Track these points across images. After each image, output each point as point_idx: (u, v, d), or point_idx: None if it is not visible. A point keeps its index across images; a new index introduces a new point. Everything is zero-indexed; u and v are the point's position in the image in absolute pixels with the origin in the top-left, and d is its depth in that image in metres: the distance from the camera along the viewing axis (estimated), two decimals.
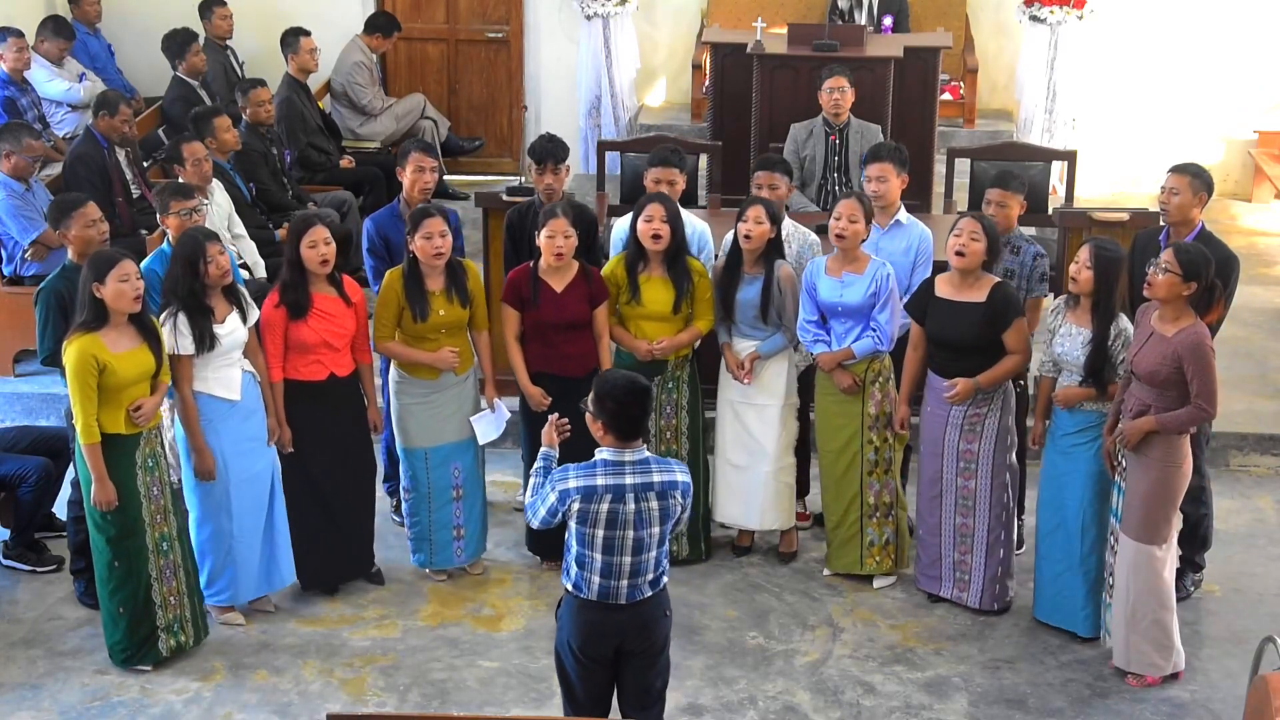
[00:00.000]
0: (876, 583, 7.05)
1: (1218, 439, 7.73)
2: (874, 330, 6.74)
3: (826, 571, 7.16)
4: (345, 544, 6.93)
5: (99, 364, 5.91)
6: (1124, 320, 6.26)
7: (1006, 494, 6.66)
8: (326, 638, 6.64)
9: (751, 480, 7.11)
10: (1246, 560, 7.34)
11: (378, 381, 7.07)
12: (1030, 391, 7.09)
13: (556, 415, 5.42)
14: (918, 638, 6.67)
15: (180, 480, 6.51)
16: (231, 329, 6.36)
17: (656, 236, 6.74)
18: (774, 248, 6.85)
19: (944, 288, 6.57)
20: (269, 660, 6.46)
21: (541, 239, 6.70)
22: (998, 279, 6.55)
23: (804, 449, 7.32)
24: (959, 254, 6.44)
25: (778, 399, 7.03)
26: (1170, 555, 6.20)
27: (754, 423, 7.05)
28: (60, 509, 7.13)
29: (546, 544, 7.12)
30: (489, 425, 6.95)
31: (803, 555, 7.32)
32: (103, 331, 5.96)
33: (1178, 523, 6.21)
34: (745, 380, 6.95)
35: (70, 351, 5.93)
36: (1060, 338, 6.36)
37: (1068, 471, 6.41)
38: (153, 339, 6.10)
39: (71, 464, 6.73)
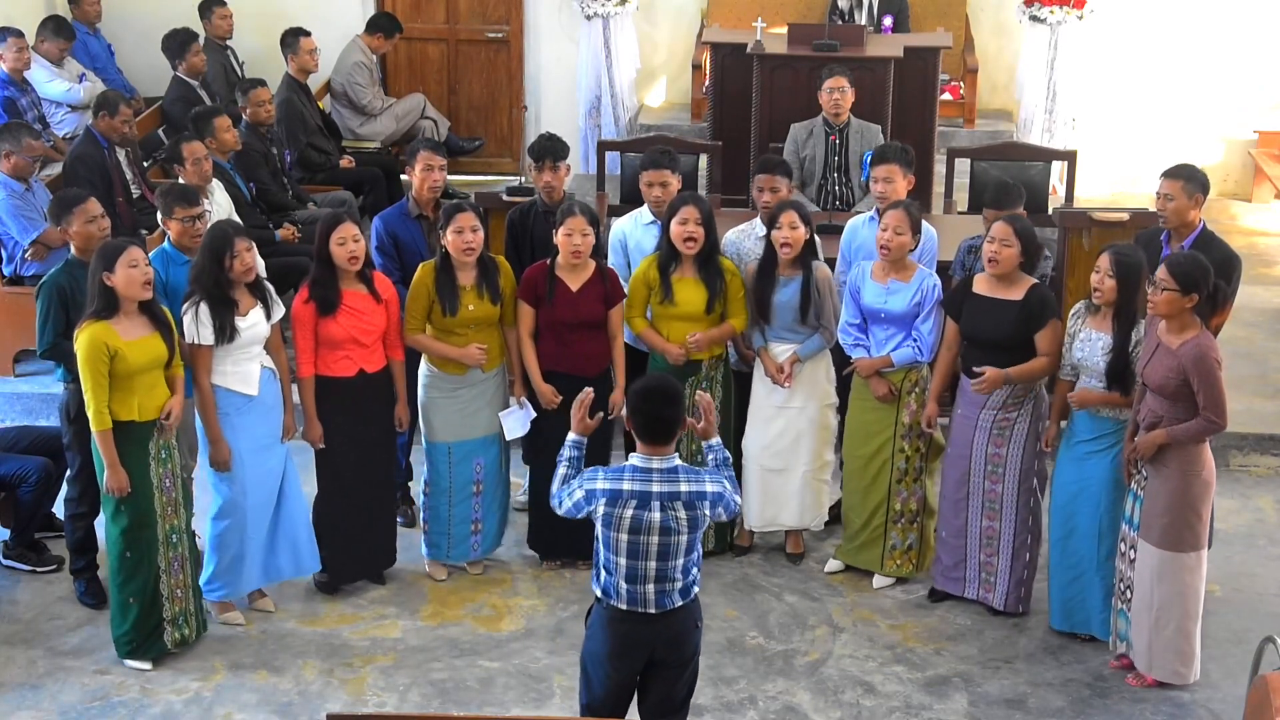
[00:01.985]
0: (876, 582, 7.05)
1: (1218, 439, 7.68)
2: (915, 340, 6.74)
3: (833, 563, 7.15)
4: (372, 539, 6.95)
5: (110, 351, 5.95)
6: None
7: (1033, 498, 6.64)
8: (326, 638, 6.64)
9: (789, 482, 7.08)
10: (1246, 560, 7.34)
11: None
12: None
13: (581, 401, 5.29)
14: (918, 638, 6.67)
15: (191, 474, 6.53)
16: (253, 323, 6.38)
17: (691, 239, 6.75)
18: (809, 249, 6.86)
19: (981, 285, 6.56)
20: (269, 660, 6.46)
21: (559, 237, 6.70)
22: (1035, 280, 6.53)
23: None
24: (992, 261, 6.43)
25: (815, 400, 7.01)
26: (1203, 563, 6.16)
27: (789, 426, 7.01)
28: (60, 509, 7.12)
29: (547, 543, 7.13)
30: (516, 422, 6.95)
31: (805, 555, 7.32)
32: (114, 320, 6.01)
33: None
34: (786, 384, 6.92)
35: (81, 339, 5.98)
36: (1080, 343, 6.31)
37: (1084, 477, 6.36)
38: (164, 327, 6.14)
39: (70, 464, 6.74)
